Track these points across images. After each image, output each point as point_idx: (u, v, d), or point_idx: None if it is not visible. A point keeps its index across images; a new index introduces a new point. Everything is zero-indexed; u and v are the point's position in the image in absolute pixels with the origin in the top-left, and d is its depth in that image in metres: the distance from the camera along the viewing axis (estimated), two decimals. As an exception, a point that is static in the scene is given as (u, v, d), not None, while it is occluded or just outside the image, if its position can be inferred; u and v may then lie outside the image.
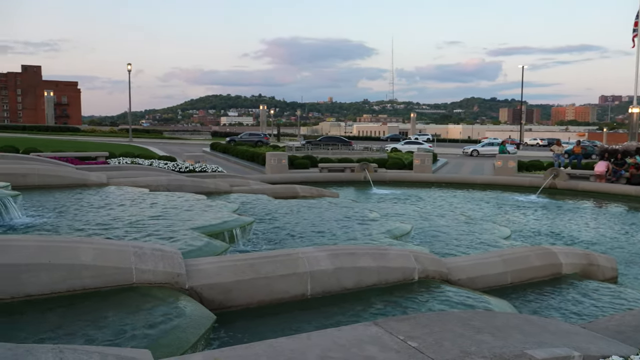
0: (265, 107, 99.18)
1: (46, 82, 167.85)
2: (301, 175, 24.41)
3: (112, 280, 4.71)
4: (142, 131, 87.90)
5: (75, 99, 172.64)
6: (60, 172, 12.77)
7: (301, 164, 28.35)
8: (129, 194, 11.10)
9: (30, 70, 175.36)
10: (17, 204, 8.39)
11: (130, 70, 59.05)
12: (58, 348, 2.44)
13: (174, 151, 41.14)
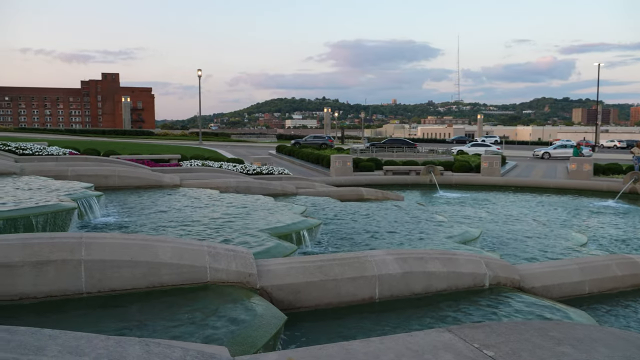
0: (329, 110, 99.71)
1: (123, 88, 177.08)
2: (366, 177, 24.36)
3: (187, 278, 4.91)
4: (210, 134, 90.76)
5: (150, 104, 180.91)
6: (138, 173, 13.44)
7: (366, 167, 28.29)
8: (200, 195, 11.51)
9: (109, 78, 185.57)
10: (100, 203, 8.92)
11: (200, 76, 61.16)
12: (144, 341, 2.57)
13: (241, 153, 42.22)
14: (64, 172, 12.56)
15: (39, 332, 2.42)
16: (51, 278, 4.51)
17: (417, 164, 28.07)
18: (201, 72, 61.20)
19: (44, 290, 4.51)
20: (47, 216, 6.94)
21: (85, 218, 8.41)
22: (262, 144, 71.01)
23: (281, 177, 17.86)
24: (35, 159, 15.15)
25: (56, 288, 4.53)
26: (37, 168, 12.84)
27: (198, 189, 12.84)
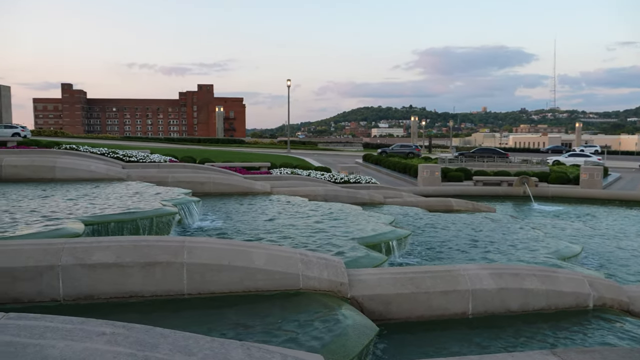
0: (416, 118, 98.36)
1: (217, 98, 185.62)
2: (454, 188, 23.72)
3: (281, 285, 5.04)
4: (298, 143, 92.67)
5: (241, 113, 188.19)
6: (231, 180, 14.02)
7: (454, 177, 27.57)
8: (290, 203, 11.78)
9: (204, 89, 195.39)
10: (197, 208, 9.39)
11: (289, 86, 62.73)
12: (245, 345, 2.67)
13: (328, 162, 42.71)
14: (164, 178, 13.37)
15: (152, 330, 2.59)
16: (157, 279, 4.82)
17: (510, 175, 26.92)
18: (290, 82, 62.76)
19: (151, 289, 4.82)
20: (151, 220, 7.41)
21: (184, 222, 8.89)
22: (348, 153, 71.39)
23: (369, 186, 17.86)
24: (139, 165, 16.27)
25: (161, 288, 4.83)
26: (141, 174, 13.77)
27: (288, 196, 13.16)
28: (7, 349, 2.13)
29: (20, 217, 6.97)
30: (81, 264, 4.70)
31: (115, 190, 10.41)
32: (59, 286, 4.66)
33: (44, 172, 12.52)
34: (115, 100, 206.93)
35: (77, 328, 2.44)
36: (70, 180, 12.39)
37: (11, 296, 4.61)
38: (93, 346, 2.27)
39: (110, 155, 17.16)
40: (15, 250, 4.67)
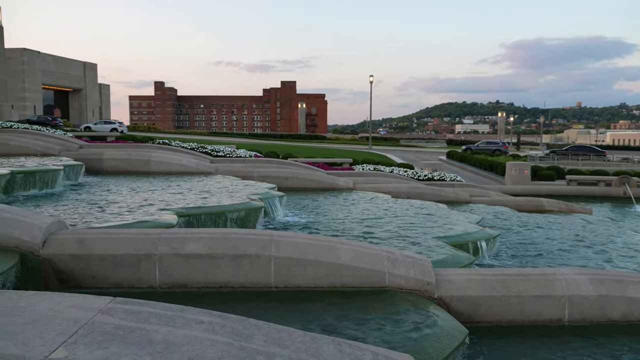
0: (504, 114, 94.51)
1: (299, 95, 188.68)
2: (545, 187, 22.54)
3: (366, 282, 5.01)
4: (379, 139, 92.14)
5: (322, 109, 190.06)
6: (314, 176, 14.17)
7: (545, 175, 26.19)
8: (373, 199, 11.71)
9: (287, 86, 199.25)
10: (282, 203, 9.57)
11: (372, 82, 62.42)
12: (336, 341, 2.67)
13: (410, 159, 42.08)
14: (250, 173, 13.76)
15: (246, 321, 2.64)
16: (246, 271, 4.95)
17: (607, 174, 25.16)
18: (373, 78, 62.43)
19: (240, 281, 4.97)
20: (239, 213, 7.64)
21: (269, 217, 9.09)
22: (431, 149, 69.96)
23: (453, 184, 17.39)
24: (226, 160, 16.86)
25: (249, 280, 4.96)
26: (228, 169, 14.26)
27: (371, 193, 13.09)
28: (117, 332, 2.26)
29: (121, 207, 7.44)
30: (176, 254, 4.92)
31: (204, 184, 10.85)
32: (156, 274, 4.92)
33: (139, 165, 13.30)
34: (202, 97, 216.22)
35: (178, 315, 2.54)
36: (164, 173, 13.07)
37: (113, 281, 4.93)
38: (193, 333, 2.35)
39: (199, 150, 17.92)
40: (117, 239, 4.99)
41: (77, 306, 2.51)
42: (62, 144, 14.64)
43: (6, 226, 4.82)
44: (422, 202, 11.69)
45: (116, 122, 52.23)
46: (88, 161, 12.47)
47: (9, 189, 8.44)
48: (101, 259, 4.85)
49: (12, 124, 17.66)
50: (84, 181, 10.98)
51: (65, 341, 2.12)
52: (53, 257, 4.79)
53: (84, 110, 71.93)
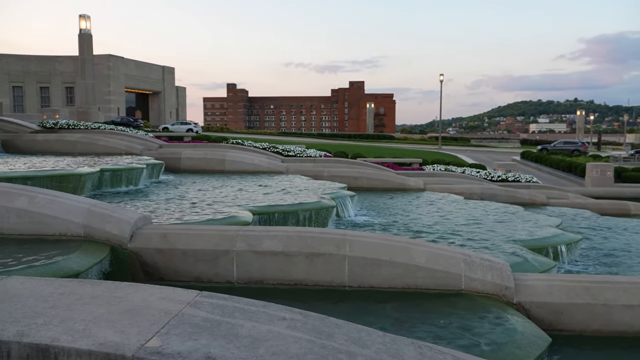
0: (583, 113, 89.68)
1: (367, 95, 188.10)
2: (631, 190, 21.15)
3: (441, 284, 4.92)
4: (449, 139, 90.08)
5: (391, 109, 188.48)
6: (384, 176, 14.09)
7: (631, 177, 24.61)
8: (445, 200, 11.48)
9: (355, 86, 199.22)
10: (353, 203, 9.59)
11: (442, 80, 61.18)
12: (417, 343, 2.64)
13: (482, 159, 40.84)
14: (320, 172, 13.87)
15: (326, 319, 2.67)
16: (320, 269, 5.01)
17: (702, 177, 23.27)
18: (443, 77, 61.18)
19: (314, 279, 5.03)
20: (311, 212, 7.73)
21: (340, 216, 9.13)
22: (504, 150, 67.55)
23: (529, 185, 16.71)
24: (296, 160, 17.10)
25: (323, 279, 5.01)
26: (299, 168, 14.46)
27: (442, 193, 12.84)
28: (205, 324, 2.35)
29: (199, 203, 7.73)
30: (253, 251, 5.05)
31: (276, 183, 11.06)
32: (233, 269, 5.07)
33: (215, 164, 13.76)
34: (272, 98, 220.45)
35: (261, 311, 2.61)
36: (237, 172, 13.45)
37: (194, 275, 5.13)
38: (276, 329, 2.40)
39: (270, 150, 18.29)
40: (197, 235, 5.19)
41: (168, 298, 2.63)
42: (144, 144, 15.42)
43: (98, 220, 5.14)
44: (496, 203, 11.33)
45: (192, 123, 54.31)
46: (167, 160, 13.05)
47: (98, 186, 8.99)
48: (183, 253, 5.07)
49: (99, 125, 18.82)
50: (164, 179, 11.51)
51: (159, 331, 2.24)
52: (139, 251, 5.06)
53: (162, 112, 75.38)
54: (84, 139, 14.44)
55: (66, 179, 8.08)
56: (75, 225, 5.15)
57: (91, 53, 38.12)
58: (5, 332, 2.14)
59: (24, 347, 2.07)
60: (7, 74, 62.10)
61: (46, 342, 2.07)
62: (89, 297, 2.59)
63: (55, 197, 5.39)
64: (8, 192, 5.36)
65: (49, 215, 5.18)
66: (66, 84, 63.65)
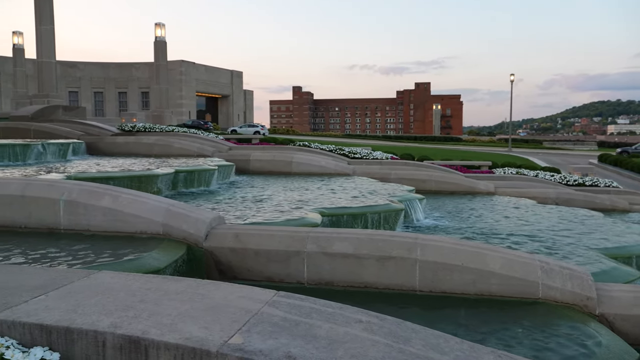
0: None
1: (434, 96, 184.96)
2: None
3: (517, 292, 4.75)
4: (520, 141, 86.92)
5: (458, 111, 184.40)
6: (452, 179, 13.79)
7: None
8: (517, 204, 11.08)
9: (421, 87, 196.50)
10: (421, 206, 9.45)
11: (512, 81, 59.16)
12: (496, 352, 2.56)
13: (556, 162, 39.12)
14: (387, 175, 13.77)
15: (403, 324, 2.65)
16: (390, 272, 4.97)
17: None
18: (513, 77, 59.15)
19: (384, 282, 5.00)
20: (379, 215, 7.69)
21: (408, 219, 9.02)
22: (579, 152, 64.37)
23: (608, 190, 15.81)
24: (363, 162, 17.06)
25: (394, 282, 4.97)
26: (365, 170, 14.42)
27: (514, 197, 12.40)
28: (284, 324, 2.40)
29: (269, 204, 7.89)
30: (323, 252, 5.10)
31: (343, 185, 11.09)
32: (304, 270, 5.13)
33: (282, 166, 13.98)
34: (337, 100, 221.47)
35: (337, 313, 2.62)
36: (304, 174, 13.60)
37: (265, 275, 5.24)
38: (353, 332, 2.41)
39: (337, 152, 18.36)
40: (269, 235, 5.30)
41: (247, 297, 2.70)
42: (215, 146, 15.92)
43: (176, 220, 5.36)
44: (573, 208, 10.80)
45: (259, 126, 55.63)
46: (237, 162, 13.40)
47: (173, 186, 9.38)
48: (255, 253, 5.19)
49: (173, 128, 19.64)
50: (234, 180, 11.83)
51: (240, 329, 2.30)
52: (214, 250, 5.23)
53: (230, 115, 77.61)
54: (159, 141, 15.10)
55: (144, 179, 8.48)
56: (154, 224, 5.40)
57: (165, 59, 39.83)
58: (101, 323, 2.27)
59: (117, 338, 2.19)
60: (90, 81, 66.08)
61: (137, 334, 2.18)
62: (173, 293, 2.70)
63: (136, 197, 5.68)
64: (95, 191, 5.69)
65: (131, 214, 5.46)
66: (142, 89, 66.88)
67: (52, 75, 25.61)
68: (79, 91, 65.23)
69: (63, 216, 5.60)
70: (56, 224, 5.62)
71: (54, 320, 2.30)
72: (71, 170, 8.92)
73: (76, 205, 5.57)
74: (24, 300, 2.56)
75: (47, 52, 25.23)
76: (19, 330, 2.30)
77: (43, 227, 5.66)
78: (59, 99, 26.60)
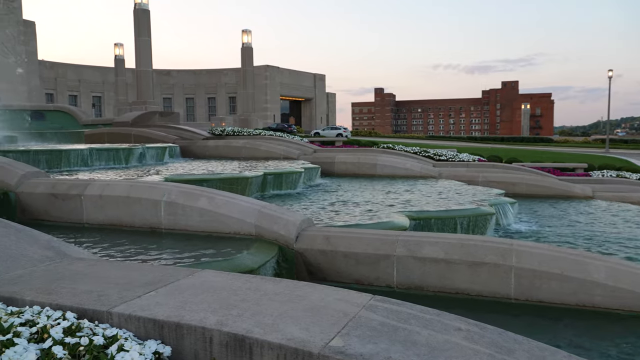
0: None
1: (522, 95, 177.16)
2: None
3: (624, 304, 4.43)
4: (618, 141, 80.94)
5: (548, 110, 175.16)
6: (545, 182, 13.12)
7: None
8: (619, 210, 10.34)
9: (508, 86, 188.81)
10: (513, 210, 9.07)
11: (610, 77, 55.30)
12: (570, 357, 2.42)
13: (661, 164, 36.00)
14: (474, 177, 13.36)
15: (504, 334, 2.56)
16: (483, 279, 4.81)
17: None
18: (612, 73, 55.24)
19: (476, 289, 4.85)
20: (469, 219, 7.47)
21: (499, 224, 8.69)
22: (689, 153, 58.85)
23: None
24: (448, 164, 16.66)
25: (487, 289, 4.81)
26: (452, 173, 14.07)
27: (615, 202, 11.59)
28: (383, 329, 2.39)
29: (355, 207, 7.91)
30: (413, 256, 5.03)
31: (429, 188, 10.89)
32: (394, 274, 5.10)
33: (367, 168, 13.98)
34: (420, 101, 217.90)
35: (435, 319, 2.58)
36: (389, 176, 13.50)
37: (354, 277, 5.26)
38: (453, 340, 2.36)
39: (421, 154, 18.06)
40: (358, 238, 5.31)
41: (344, 300, 2.73)
42: (300, 149, 16.22)
43: (268, 221, 5.52)
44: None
45: (341, 128, 55.94)
46: (322, 164, 13.57)
47: (261, 188, 9.66)
48: (344, 256, 5.23)
49: (259, 132, 20.25)
50: (320, 182, 11.98)
51: (340, 332, 2.33)
52: (304, 251, 5.33)
53: (313, 118, 78.79)
54: (247, 144, 15.63)
55: (235, 181, 8.80)
56: (247, 224, 5.59)
57: (252, 65, 41.17)
58: (207, 320, 2.39)
59: (223, 335, 2.29)
60: (182, 87, 69.69)
61: (242, 332, 2.27)
62: (272, 293, 2.78)
63: (230, 199, 5.91)
64: (192, 193, 5.99)
65: (226, 215, 5.69)
66: (229, 94, 69.53)
67: (149, 83, 27.27)
68: (172, 97, 68.96)
69: (164, 216, 5.94)
70: (157, 224, 5.98)
71: (165, 316, 2.45)
72: (168, 173, 9.44)
73: (175, 206, 5.89)
74: (137, 295, 2.74)
75: (144, 62, 26.92)
76: (135, 323, 2.46)
77: (146, 226, 6.04)
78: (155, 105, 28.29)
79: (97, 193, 6.28)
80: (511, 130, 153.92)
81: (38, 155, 9.90)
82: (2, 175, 6.74)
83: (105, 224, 6.22)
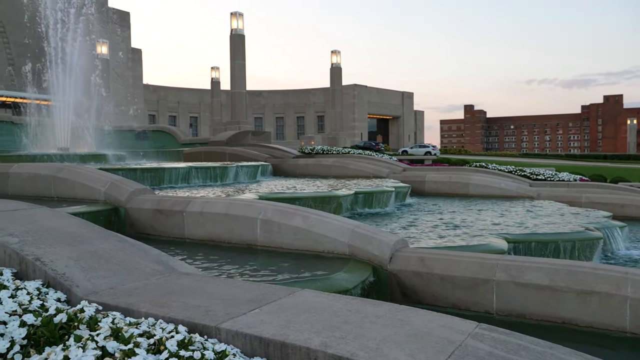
0: None
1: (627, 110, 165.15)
2: None
3: None
4: None
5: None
6: (659, 204, 12.03)
7: None
8: None
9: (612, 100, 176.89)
10: (622, 235, 8.41)
11: None
12: None
13: None
14: (576, 198, 12.56)
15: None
16: (594, 309, 4.48)
17: None
18: None
19: (586, 319, 4.52)
20: (574, 243, 7.02)
21: (606, 249, 8.08)
22: None
23: None
24: (547, 184, 15.78)
25: (598, 320, 4.46)
26: (551, 193, 13.33)
27: None
28: (490, 359, 2.29)
29: (448, 228, 7.70)
30: (514, 282, 4.79)
31: (526, 209, 10.37)
32: (493, 300, 4.88)
33: (458, 188, 13.59)
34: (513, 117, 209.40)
35: (548, 352, 2.43)
36: (482, 196, 13.03)
37: (450, 301, 5.10)
38: (569, 376, 2.21)
39: (517, 173, 17.28)
40: (455, 261, 5.15)
41: (448, 327, 2.65)
42: (389, 167, 16.12)
43: (361, 241, 5.51)
44: None
45: (429, 146, 54.99)
46: (412, 183, 13.38)
47: (352, 207, 9.69)
48: (441, 278, 5.08)
49: (348, 150, 20.42)
50: (410, 202, 11.81)
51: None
52: (398, 272, 5.25)
53: (401, 136, 78.26)
54: (336, 162, 15.78)
55: (327, 200, 8.90)
56: (341, 244, 5.61)
57: (340, 84, 41.74)
58: (312, 341, 2.41)
59: (328, 357, 2.30)
60: (272, 107, 72.09)
61: (347, 355, 2.26)
62: (373, 316, 2.76)
63: (324, 218, 5.97)
64: (286, 211, 6.13)
65: (319, 234, 5.75)
66: (317, 113, 70.88)
67: (243, 104, 28.47)
68: (263, 117, 71.47)
69: (259, 233, 6.12)
70: (254, 241, 6.16)
71: (270, 334, 2.50)
72: (262, 190, 9.74)
73: (271, 224, 6.05)
74: (242, 312, 2.83)
75: (239, 83, 28.18)
76: (241, 340, 2.54)
77: (242, 242, 6.25)
78: (248, 124, 29.44)
79: (198, 210, 6.60)
80: (615, 148, 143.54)
81: (144, 173, 10.62)
82: (115, 192, 7.28)
83: (204, 239, 6.52)
